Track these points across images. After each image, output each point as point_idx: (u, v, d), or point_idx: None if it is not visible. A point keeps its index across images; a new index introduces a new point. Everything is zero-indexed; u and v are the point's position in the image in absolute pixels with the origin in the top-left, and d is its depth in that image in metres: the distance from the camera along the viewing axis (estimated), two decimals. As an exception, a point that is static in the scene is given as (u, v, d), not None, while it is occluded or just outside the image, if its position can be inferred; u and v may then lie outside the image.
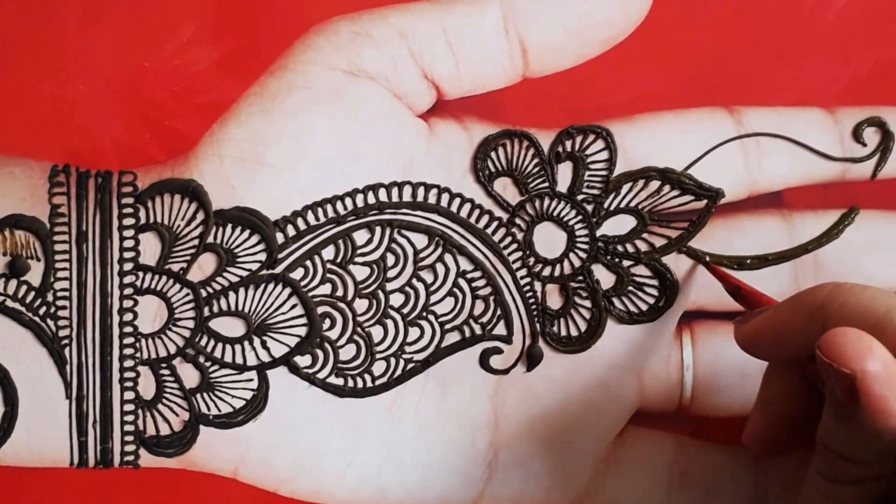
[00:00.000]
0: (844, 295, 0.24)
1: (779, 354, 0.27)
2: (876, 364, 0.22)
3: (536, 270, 0.32)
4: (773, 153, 0.32)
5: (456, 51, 0.31)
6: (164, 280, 0.31)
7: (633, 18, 0.31)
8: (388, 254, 0.32)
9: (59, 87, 0.31)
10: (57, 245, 0.31)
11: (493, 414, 0.32)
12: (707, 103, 0.32)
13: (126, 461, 0.32)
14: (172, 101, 0.31)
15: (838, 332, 0.22)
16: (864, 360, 0.22)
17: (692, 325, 0.33)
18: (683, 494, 0.33)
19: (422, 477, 0.32)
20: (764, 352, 0.28)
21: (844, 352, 0.22)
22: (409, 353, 0.32)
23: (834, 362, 0.22)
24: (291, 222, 0.31)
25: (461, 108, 0.32)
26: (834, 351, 0.22)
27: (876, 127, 0.32)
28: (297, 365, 0.32)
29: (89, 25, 0.31)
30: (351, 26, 0.31)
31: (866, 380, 0.22)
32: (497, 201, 0.32)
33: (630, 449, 0.33)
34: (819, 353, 0.23)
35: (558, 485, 0.33)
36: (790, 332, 0.26)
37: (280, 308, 0.32)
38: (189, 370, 0.32)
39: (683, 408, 0.33)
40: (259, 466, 0.32)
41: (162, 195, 0.31)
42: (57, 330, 0.31)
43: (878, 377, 0.22)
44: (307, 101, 0.31)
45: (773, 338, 0.27)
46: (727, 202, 0.32)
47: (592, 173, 0.32)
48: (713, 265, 0.31)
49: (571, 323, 0.32)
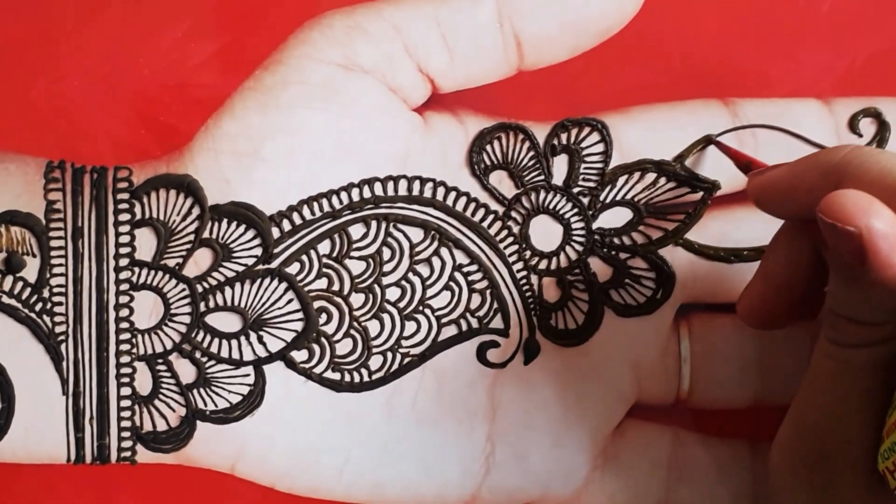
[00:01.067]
0: (862, 157, 0.23)
1: (789, 210, 0.26)
2: (881, 222, 0.21)
3: (533, 264, 0.32)
4: (769, 144, 0.32)
5: (450, 44, 0.31)
6: (160, 275, 0.31)
7: (627, 10, 0.31)
8: (384, 248, 0.32)
9: (54, 83, 0.31)
10: (53, 241, 0.31)
11: (490, 407, 0.32)
12: (702, 95, 0.32)
13: (123, 457, 0.32)
14: (167, 96, 0.31)
15: (839, 192, 0.22)
16: (869, 217, 0.21)
17: (690, 318, 0.33)
18: (682, 487, 0.33)
19: (419, 471, 0.32)
20: (775, 206, 0.27)
21: (848, 210, 0.21)
22: (406, 348, 0.32)
23: (838, 222, 0.22)
24: (287, 217, 0.31)
25: (456, 102, 0.32)
26: (836, 210, 0.22)
27: (872, 118, 0.32)
28: (293, 360, 0.32)
29: (84, 21, 0.31)
30: (345, 20, 0.31)
31: (873, 236, 0.21)
32: (493, 195, 0.32)
33: (628, 442, 0.33)
34: (821, 215, 0.22)
35: (556, 478, 0.33)
36: (803, 187, 0.25)
37: (276, 303, 0.32)
38: (185, 366, 0.32)
39: (681, 400, 0.33)
40: (256, 462, 0.32)
41: (157, 190, 0.31)
42: (53, 326, 0.31)
43: (884, 234, 0.21)
44: (302, 96, 0.31)
45: (786, 191, 0.26)
46: (723, 194, 0.32)
47: (588, 166, 0.32)
48: (723, 144, 0.31)
49: (568, 316, 0.32)
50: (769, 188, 0.27)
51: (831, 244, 0.22)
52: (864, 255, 0.21)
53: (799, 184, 0.25)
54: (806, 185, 0.25)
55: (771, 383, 0.32)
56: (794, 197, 0.26)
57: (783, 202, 0.26)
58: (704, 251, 0.32)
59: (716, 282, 0.32)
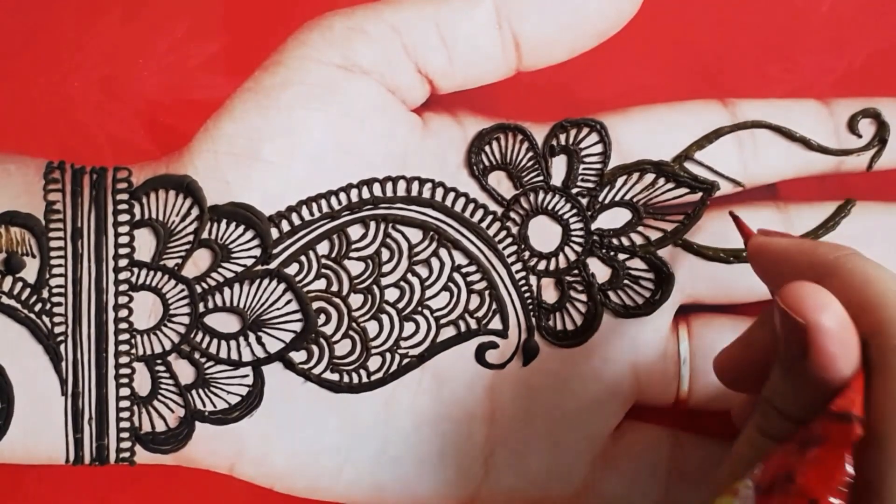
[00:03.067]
0: (855, 263, 0.23)
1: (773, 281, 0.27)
2: (831, 320, 0.22)
3: (531, 264, 0.32)
4: (769, 145, 0.32)
5: (449, 45, 0.31)
6: (159, 276, 0.31)
7: (626, 11, 0.31)
8: (383, 248, 0.32)
9: (53, 84, 0.31)
10: (52, 242, 0.31)
11: (489, 409, 0.32)
12: (701, 96, 0.32)
13: (122, 458, 0.32)
14: (167, 97, 0.31)
15: (801, 283, 0.22)
16: (820, 312, 0.22)
17: (689, 319, 0.33)
18: (681, 489, 0.32)
19: (418, 472, 0.32)
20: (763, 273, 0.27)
21: (802, 301, 0.22)
22: (405, 349, 0.32)
23: (790, 311, 0.22)
24: (286, 217, 0.31)
25: (455, 103, 0.32)
26: (792, 298, 0.22)
27: (871, 118, 0.32)
28: (292, 361, 0.32)
29: (84, 23, 0.31)
30: (345, 21, 0.31)
31: (819, 332, 0.21)
32: (491, 195, 0.32)
33: (627, 444, 0.33)
34: (777, 300, 0.22)
35: (555, 479, 0.32)
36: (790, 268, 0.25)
37: (275, 304, 0.32)
38: (184, 366, 0.32)
39: (681, 402, 0.33)
40: (255, 463, 0.32)
41: (157, 191, 0.31)
42: (52, 326, 0.31)
43: (831, 333, 0.21)
44: (301, 97, 0.31)
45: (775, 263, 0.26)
46: (722, 195, 0.32)
47: (587, 167, 0.32)
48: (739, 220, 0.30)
49: (567, 317, 0.32)
50: (763, 252, 0.27)
51: (780, 331, 0.23)
52: (807, 349, 0.22)
53: (788, 262, 0.25)
54: (793, 267, 0.25)
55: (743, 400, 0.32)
56: (779, 272, 0.26)
57: (771, 271, 0.27)
58: (703, 252, 0.32)
59: (715, 283, 0.32)
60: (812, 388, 0.22)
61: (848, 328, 0.22)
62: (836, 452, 0.21)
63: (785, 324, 0.22)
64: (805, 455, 0.22)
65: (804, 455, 0.22)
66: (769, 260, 0.27)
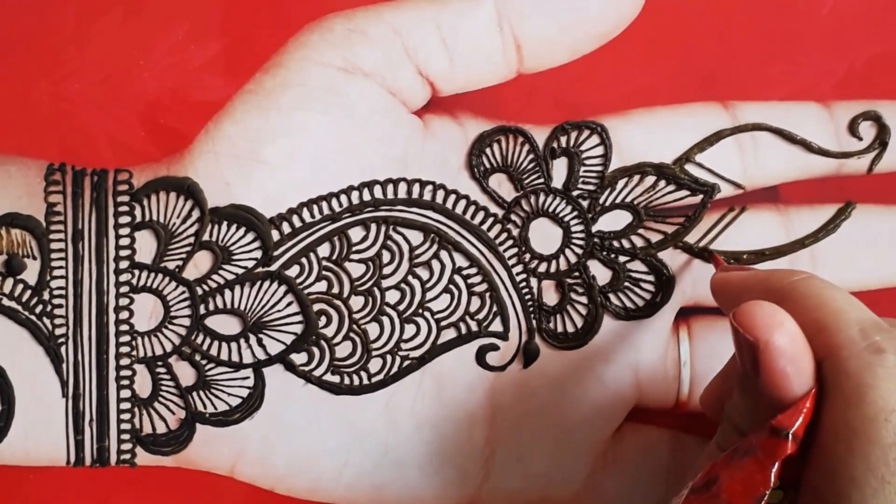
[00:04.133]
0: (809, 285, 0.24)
1: None
2: (783, 338, 0.22)
3: (532, 267, 0.32)
4: (769, 148, 0.32)
5: (450, 47, 0.31)
6: (160, 278, 0.31)
7: (626, 13, 0.31)
8: (384, 251, 0.32)
9: (54, 86, 0.31)
10: (53, 243, 0.31)
11: (489, 410, 0.32)
12: (702, 98, 0.32)
13: (123, 460, 0.32)
14: (168, 98, 0.31)
15: (754, 303, 0.22)
16: (772, 331, 0.22)
17: (689, 321, 0.33)
18: (681, 491, 0.32)
19: (419, 474, 0.32)
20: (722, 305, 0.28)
21: (754, 321, 0.22)
22: (405, 350, 0.32)
23: (742, 330, 0.22)
24: (287, 219, 0.31)
25: (456, 105, 0.32)
26: (745, 318, 0.22)
27: (872, 121, 0.32)
28: (293, 362, 0.32)
29: (85, 24, 0.31)
30: (346, 23, 0.31)
31: (769, 351, 0.22)
32: (492, 198, 0.32)
33: (627, 445, 0.33)
34: (731, 320, 0.22)
35: (555, 481, 0.32)
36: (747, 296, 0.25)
37: (276, 305, 0.32)
38: (185, 368, 0.32)
39: (681, 404, 0.33)
40: (256, 464, 0.32)
41: (157, 193, 0.31)
42: (53, 328, 0.31)
43: (781, 351, 0.22)
44: (302, 99, 0.31)
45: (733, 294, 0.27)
46: (723, 197, 0.32)
47: (587, 169, 0.32)
48: (715, 256, 0.31)
49: (568, 319, 0.32)
50: (722, 286, 0.28)
51: (735, 349, 0.23)
52: (759, 367, 0.22)
53: (748, 291, 0.26)
54: (751, 295, 0.25)
55: None
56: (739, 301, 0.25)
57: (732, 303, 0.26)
58: (704, 254, 0.32)
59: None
60: (765, 405, 0.22)
61: (800, 348, 0.22)
62: (762, 464, 0.22)
63: (738, 343, 0.22)
64: (734, 462, 0.22)
65: (733, 462, 0.22)
66: (730, 293, 0.27)
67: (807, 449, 0.22)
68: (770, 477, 0.21)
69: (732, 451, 0.23)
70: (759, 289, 0.25)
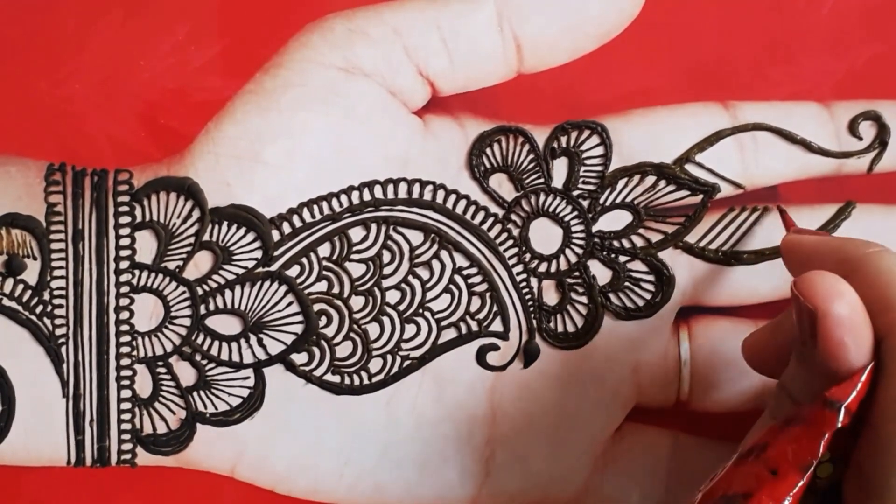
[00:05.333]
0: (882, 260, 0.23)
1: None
2: (843, 308, 0.22)
3: (532, 266, 0.32)
4: (769, 148, 0.32)
5: (450, 47, 0.31)
6: (161, 278, 0.31)
7: (627, 13, 0.31)
8: (384, 251, 0.32)
9: (55, 86, 0.31)
10: (53, 244, 0.31)
11: (490, 410, 0.32)
12: (702, 98, 0.32)
13: (123, 460, 0.32)
14: (168, 99, 0.31)
15: (817, 272, 0.22)
16: (832, 300, 0.22)
17: (689, 321, 0.33)
18: (681, 490, 0.33)
19: (419, 474, 0.32)
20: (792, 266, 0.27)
21: (816, 289, 0.22)
22: (406, 350, 0.32)
23: (803, 298, 0.22)
24: (287, 220, 0.31)
25: (456, 105, 0.32)
26: (806, 286, 0.22)
27: (872, 121, 0.32)
28: (293, 362, 0.32)
29: (86, 25, 0.31)
30: (346, 24, 0.31)
31: (828, 320, 0.21)
32: (492, 197, 0.32)
33: (628, 445, 0.33)
34: (792, 287, 0.22)
35: (556, 481, 0.33)
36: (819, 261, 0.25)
37: (276, 305, 0.32)
38: (186, 368, 0.32)
39: (681, 403, 0.33)
40: (256, 465, 0.32)
41: (158, 193, 0.31)
42: (53, 328, 0.31)
43: (840, 320, 0.21)
44: (303, 99, 0.31)
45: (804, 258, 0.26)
46: (723, 197, 0.32)
47: (588, 169, 0.32)
48: (787, 215, 0.31)
49: (568, 319, 0.32)
50: (794, 248, 0.27)
51: (795, 317, 0.23)
52: (817, 336, 0.22)
53: (818, 257, 0.25)
54: (822, 263, 0.25)
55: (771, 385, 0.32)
56: (809, 268, 0.25)
57: (800, 268, 0.26)
58: (704, 254, 0.32)
59: (716, 285, 0.32)
60: (821, 377, 0.22)
61: (860, 320, 0.22)
62: (813, 435, 0.21)
63: (798, 310, 0.22)
64: (784, 430, 0.22)
65: (784, 430, 0.22)
66: (800, 256, 0.27)
67: (860, 426, 0.22)
68: (819, 448, 0.21)
69: (785, 419, 0.22)
70: (831, 256, 0.25)
